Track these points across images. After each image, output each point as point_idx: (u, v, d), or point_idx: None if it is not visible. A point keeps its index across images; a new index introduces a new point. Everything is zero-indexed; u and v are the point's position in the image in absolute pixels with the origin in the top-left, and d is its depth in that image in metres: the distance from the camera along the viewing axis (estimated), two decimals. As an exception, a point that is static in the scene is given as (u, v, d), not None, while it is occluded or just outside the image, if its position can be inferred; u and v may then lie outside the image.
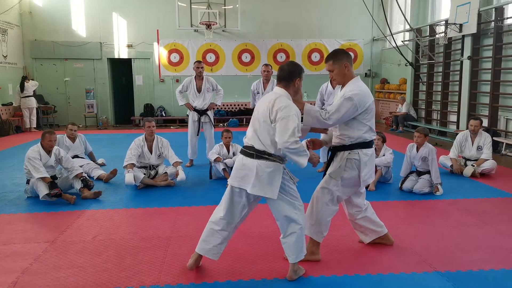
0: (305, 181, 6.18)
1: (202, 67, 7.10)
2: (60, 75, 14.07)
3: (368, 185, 5.50)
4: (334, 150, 3.44)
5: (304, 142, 3.52)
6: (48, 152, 5.40)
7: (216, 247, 3.21)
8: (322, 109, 5.14)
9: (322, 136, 3.70)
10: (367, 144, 3.36)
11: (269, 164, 3.00)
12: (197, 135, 7.28)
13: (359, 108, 3.23)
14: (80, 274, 3.25)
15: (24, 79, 12.57)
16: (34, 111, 12.61)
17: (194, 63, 7.24)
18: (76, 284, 3.11)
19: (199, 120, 7.20)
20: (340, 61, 3.33)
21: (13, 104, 12.75)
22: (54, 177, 5.37)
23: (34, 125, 12.60)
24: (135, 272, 3.28)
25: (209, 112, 7.25)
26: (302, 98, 3.30)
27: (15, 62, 13.21)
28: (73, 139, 6.76)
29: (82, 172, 5.61)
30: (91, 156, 7.11)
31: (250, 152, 3.05)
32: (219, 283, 3.10)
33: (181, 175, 5.89)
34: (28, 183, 5.35)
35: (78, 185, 5.43)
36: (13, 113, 12.75)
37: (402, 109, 12.55)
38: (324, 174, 3.48)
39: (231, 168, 6.15)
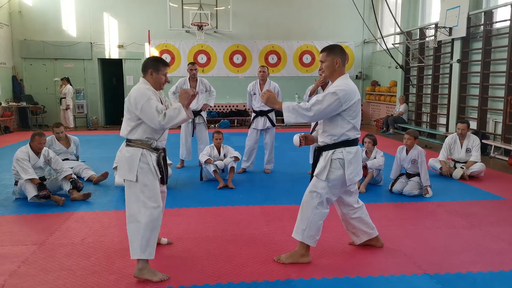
0: (294, 184, 6.27)
1: (195, 69, 7.09)
2: (49, 75, 13.92)
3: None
4: (319, 151, 3.44)
5: (296, 137, 3.53)
6: (37, 153, 5.35)
7: None
8: None
9: (314, 132, 3.71)
10: (350, 143, 3.34)
11: (129, 150, 3.20)
12: (191, 136, 7.27)
13: (343, 103, 3.21)
14: (68, 277, 3.22)
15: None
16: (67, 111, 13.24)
17: (188, 65, 7.22)
18: (64, 287, 3.08)
19: (193, 121, 7.18)
20: (333, 55, 3.34)
21: (1, 104, 12.62)
22: (43, 179, 5.33)
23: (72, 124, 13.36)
24: (125, 275, 3.26)
25: (202, 113, 7.24)
26: (278, 98, 3.31)
27: (4, 62, 13.06)
28: (65, 142, 6.57)
29: (72, 174, 5.55)
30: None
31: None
32: (209, 286, 3.08)
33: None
34: (16, 185, 5.29)
35: (67, 186, 5.38)
36: (1, 113, 12.60)
37: (400, 108, 12.56)
38: (312, 176, 3.47)
39: (222, 170, 6.14)
